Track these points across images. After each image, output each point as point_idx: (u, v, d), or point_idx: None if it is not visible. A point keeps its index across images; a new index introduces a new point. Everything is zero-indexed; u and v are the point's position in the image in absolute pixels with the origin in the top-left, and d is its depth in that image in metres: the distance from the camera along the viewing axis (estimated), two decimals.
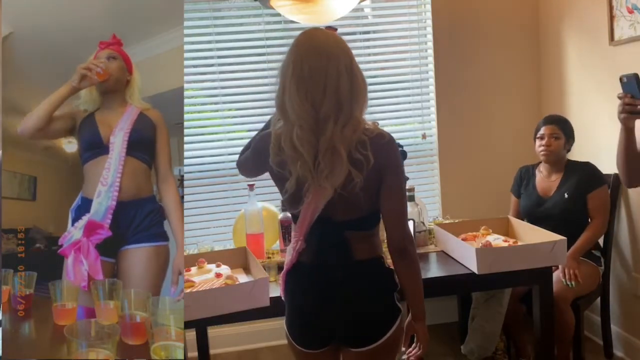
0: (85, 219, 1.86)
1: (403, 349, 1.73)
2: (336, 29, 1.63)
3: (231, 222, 2.90)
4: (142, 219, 1.96)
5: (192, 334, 2.60)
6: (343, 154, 1.47)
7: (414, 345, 1.73)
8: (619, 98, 1.74)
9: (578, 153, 3.01)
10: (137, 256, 1.92)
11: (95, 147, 1.96)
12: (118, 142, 1.94)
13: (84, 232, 1.82)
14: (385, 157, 1.52)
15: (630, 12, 2.61)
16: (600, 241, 2.88)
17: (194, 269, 2.28)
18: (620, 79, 1.75)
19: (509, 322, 2.79)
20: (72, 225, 1.89)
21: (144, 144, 2.00)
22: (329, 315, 1.59)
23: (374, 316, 1.58)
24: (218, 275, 2.21)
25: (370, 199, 1.56)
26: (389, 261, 1.66)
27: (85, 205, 1.91)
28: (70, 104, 2.04)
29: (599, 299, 2.87)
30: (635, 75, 1.70)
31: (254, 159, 1.71)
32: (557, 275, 2.58)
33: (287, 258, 1.65)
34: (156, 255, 1.94)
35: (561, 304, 2.52)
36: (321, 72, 1.48)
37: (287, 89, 1.50)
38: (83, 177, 1.98)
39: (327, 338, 1.62)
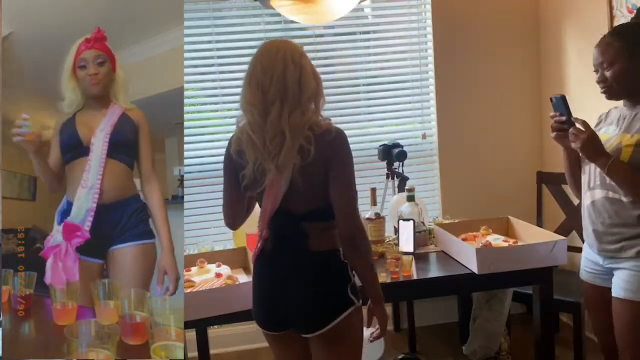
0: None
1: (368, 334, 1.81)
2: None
3: None
4: (128, 218, 1.94)
5: (192, 334, 2.60)
6: (289, 139, 1.59)
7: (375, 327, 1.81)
8: (551, 117, 1.88)
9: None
10: (125, 255, 1.92)
11: (74, 148, 1.93)
12: (98, 143, 1.91)
13: (63, 234, 1.80)
14: (330, 151, 1.63)
15: (630, 12, 2.61)
16: None
17: (194, 269, 2.28)
18: (550, 100, 1.88)
19: None
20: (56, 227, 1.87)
21: (125, 146, 1.97)
22: (282, 301, 1.68)
23: (321, 303, 1.66)
24: (218, 275, 2.21)
25: (322, 191, 1.65)
26: None
27: (70, 208, 1.90)
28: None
29: None
30: (563, 96, 1.85)
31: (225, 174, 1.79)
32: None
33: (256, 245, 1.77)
34: (143, 253, 1.94)
35: None
36: (270, 65, 1.63)
37: (244, 86, 1.68)
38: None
39: (283, 322, 1.71)
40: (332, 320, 1.64)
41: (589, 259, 1.99)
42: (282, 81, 1.61)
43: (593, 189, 1.90)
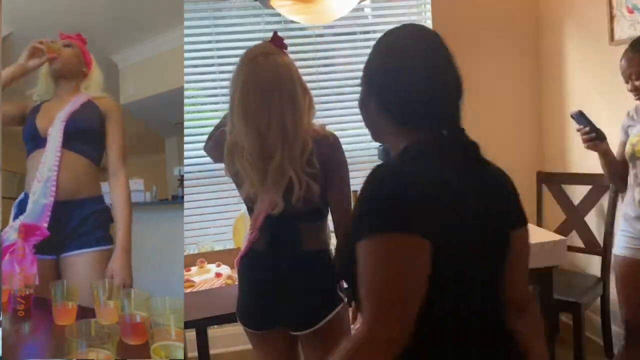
0: (21, 219, 1.75)
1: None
2: (282, 39, 1.71)
3: (231, 222, 2.90)
4: (82, 220, 1.83)
5: (192, 334, 2.60)
6: (293, 174, 1.61)
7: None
8: (578, 131, 2.16)
9: (578, 152, 3.02)
10: (81, 262, 1.82)
11: (33, 139, 1.84)
12: (55, 133, 1.79)
13: (20, 234, 1.70)
14: (328, 156, 1.67)
15: (630, 12, 2.61)
16: (600, 241, 2.89)
17: (194, 269, 2.28)
18: (572, 117, 2.18)
19: None
20: (13, 220, 1.79)
21: (85, 135, 1.85)
22: (275, 300, 1.70)
23: (315, 301, 1.70)
24: (218, 275, 2.21)
25: (319, 192, 1.68)
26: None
27: (25, 199, 1.81)
28: (24, 93, 1.94)
29: (599, 298, 2.87)
30: (580, 111, 2.16)
31: (217, 150, 1.79)
32: None
33: (243, 245, 1.78)
34: (101, 260, 1.83)
35: None
36: (265, 103, 1.60)
37: (236, 116, 1.64)
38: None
39: (273, 321, 1.74)
40: (325, 317, 1.68)
41: (633, 237, 2.16)
42: (281, 127, 1.61)
43: None
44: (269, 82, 1.61)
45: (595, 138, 2.13)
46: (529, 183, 3.28)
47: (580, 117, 2.16)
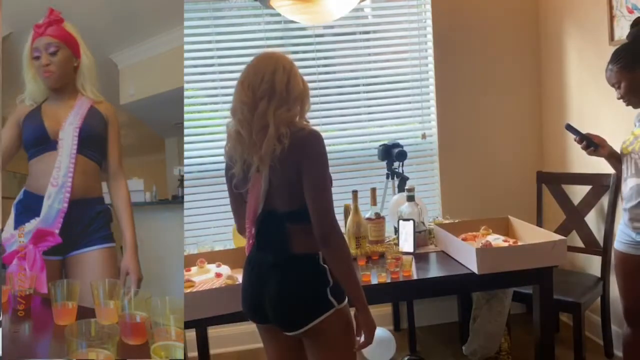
0: (33, 223, 1.76)
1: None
2: None
3: (231, 222, 2.89)
4: (90, 220, 1.88)
5: (192, 334, 2.60)
6: (272, 131, 1.64)
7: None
8: (574, 141, 2.30)
9: (578, 152, 3.02)
10: (91, 260, 1.86)
11: (41, 142, 1.84)
12: (67, 138, 1.81)
13: (32, 239, 1.71)
14: (301, 150, 1.65)
15: (630, 12, 2.61)
16: (600, 240, 2.89)
17: (194, 269, 2.28)
18: (566, 129, 2.31)
19: None
20: (15, 221, 1.80)
21: (95, 141, 1.89)
22: (263, 298, 1.72)
23: (298, 304, 1.69)
24: (218, 275, 2.21)
25: (299, 191, 1.67)
26: None
27: (28, 200, 1.83)
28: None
29: (599, 298, 2.87)
30: (567, 124, 2.31)
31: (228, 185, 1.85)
32: None
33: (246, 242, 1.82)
34: (107, 257, 1.90)
35: None
36: (261, 68, 1.71)
37: (236, 89, 1.73)
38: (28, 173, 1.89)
39: (265, 317, 1.75)
40: (311, 321, 1.66)
41: (625, 232, 2.21)
42: (271, 81, 1.68)
43: (631, 177, 2.18)
44: (269, 56, 1.75)
45: (587, 146, 2.25)
46: (529, 183, 3.28)
47: (571, 129, 2.29)
